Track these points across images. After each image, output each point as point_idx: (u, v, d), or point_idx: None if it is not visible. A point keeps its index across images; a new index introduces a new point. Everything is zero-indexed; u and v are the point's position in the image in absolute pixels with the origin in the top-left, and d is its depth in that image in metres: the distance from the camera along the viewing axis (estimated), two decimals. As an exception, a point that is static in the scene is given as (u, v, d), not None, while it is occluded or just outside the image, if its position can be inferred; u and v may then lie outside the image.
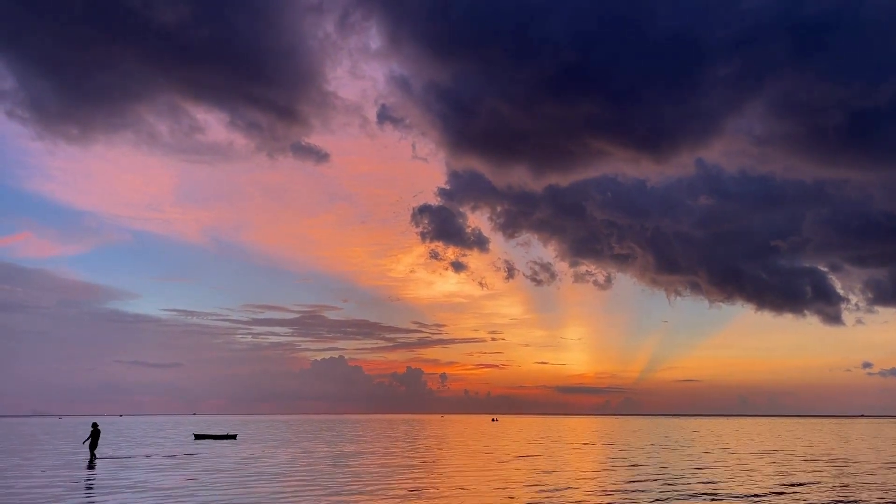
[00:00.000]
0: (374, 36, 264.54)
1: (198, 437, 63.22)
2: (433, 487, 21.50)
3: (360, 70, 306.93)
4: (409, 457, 35.85)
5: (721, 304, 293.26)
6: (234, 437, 61.86)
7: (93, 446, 36.46)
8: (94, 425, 37.08)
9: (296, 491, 20.71)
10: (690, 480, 23.65)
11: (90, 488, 21.78)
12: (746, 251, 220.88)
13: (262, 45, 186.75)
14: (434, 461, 32.74)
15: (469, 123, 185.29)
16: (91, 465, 30.86)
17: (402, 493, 20.19)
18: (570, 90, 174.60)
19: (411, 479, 24.14)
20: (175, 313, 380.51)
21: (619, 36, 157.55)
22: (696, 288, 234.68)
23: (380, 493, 20.18)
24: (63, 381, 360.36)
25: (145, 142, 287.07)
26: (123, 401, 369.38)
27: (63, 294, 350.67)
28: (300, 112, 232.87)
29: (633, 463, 31.53)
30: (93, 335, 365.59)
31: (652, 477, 24.80)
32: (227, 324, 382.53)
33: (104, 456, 36.80)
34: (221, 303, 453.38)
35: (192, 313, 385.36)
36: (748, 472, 26.89)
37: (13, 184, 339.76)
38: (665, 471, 27.38)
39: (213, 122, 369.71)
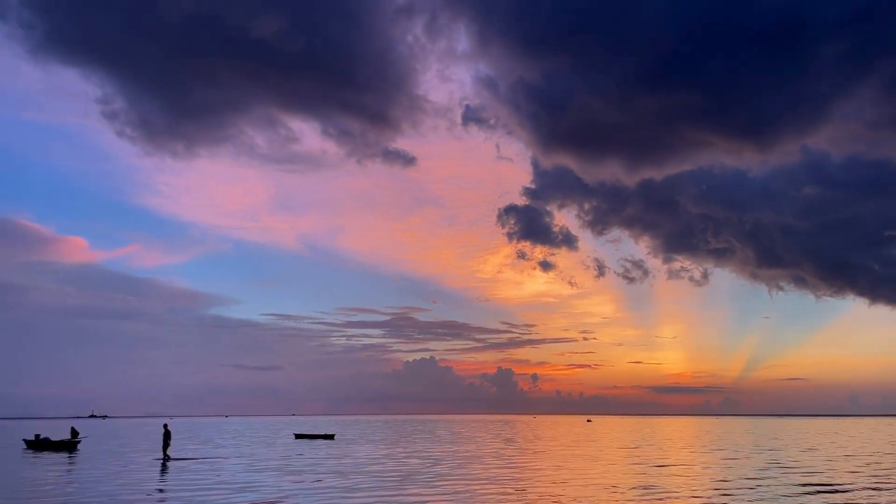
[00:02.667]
0: (461, 37, 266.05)
1: (298, 436, 65.38)
2: (574, 486, 21.36)
3: (448, 73, 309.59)
4: (533, 458, 35.76)
5: (828, 298, 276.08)
6: (331, 436, 63.53)
7: (165, 447, 36.76)
8: (165, 426, 37.77)
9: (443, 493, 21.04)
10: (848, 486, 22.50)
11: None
12: (857, 242, 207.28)
13: (354, 52, 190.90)
14: (560, 463, 32.53)
15: (559, 120, 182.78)
16: (164, 466, 31.27)
17: (555, 492, 20.16)
18: (666, 80, 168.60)
19: (551, 481, 24.07)
20: (273, 317, 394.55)
21: (716, 20, 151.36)
22: (800, 282, 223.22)
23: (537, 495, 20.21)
24: (172, 384, 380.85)
25: (244, 153, 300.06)
26: (228, 403, 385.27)
27: (170, 301, 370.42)
28: (391, 117, 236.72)
29: (785, 466, 30.29)
30: (198, 340, 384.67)
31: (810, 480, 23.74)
32: (322, 326, 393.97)
33: (224, 455, 38.55)
34: (316, 306, 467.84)
35: (289, 317, 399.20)
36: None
37: (124, 199, 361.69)
38: (826, 476, 26.14)
39: (307, 131, 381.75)
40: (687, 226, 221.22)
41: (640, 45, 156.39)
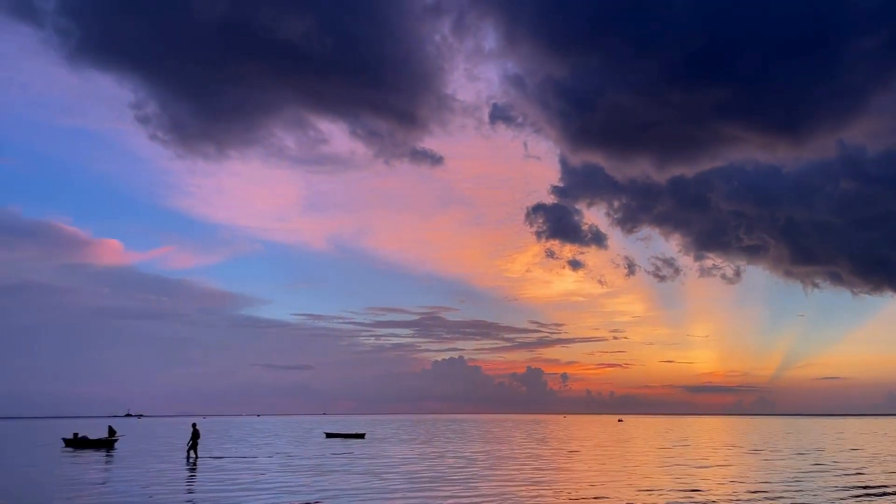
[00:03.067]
0: (488, 36, 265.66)
1: (329, 435, 65.58)
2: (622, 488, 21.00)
3: (476, 71, 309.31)
4: (569, 459, 35.39)
5: (865, 295, 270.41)
6: (362, 435, 63.60)
7: (193, 446, 35.95)
8: (194, 426, 37.15)
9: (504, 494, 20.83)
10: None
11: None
12: (895, 237, 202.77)
13: (382, 52, 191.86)
14: (598, 464, 32.12)
15: (588, 117, 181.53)
16: (193, 465, 31.06)
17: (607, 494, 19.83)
18: (698, 76, 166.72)
19: (601, 482, 23.73)
20: (303, 317, 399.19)
21: (749, 12, 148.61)
22: (836, 279, 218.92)
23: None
24: (205, 384, 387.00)
25: (274, 155, 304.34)
26: (259, 402, 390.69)
27: (202, 302, 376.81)
28: (419, 116, 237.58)
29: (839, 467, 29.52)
30: (230, 340, 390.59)
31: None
32: (351, 326, 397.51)
33: (277, 452, 38.78)
34: (346, 306, 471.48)
35: (319, 317, 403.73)
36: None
37: (157, 202, 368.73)
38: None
39: (335, 132, 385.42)
40: (719, 223, 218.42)
41: (670, 41, 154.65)
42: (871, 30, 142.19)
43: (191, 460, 34.20)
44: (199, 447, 37.11)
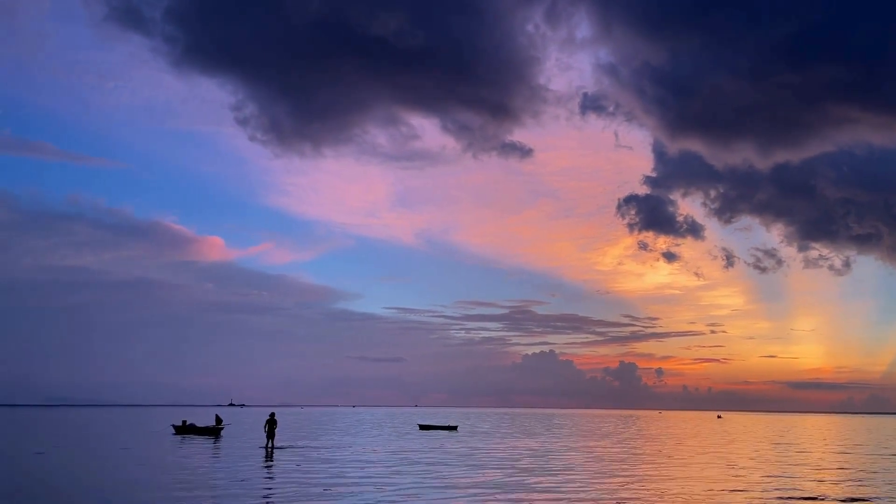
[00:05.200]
0: (580, 23, 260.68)
1: (422, 427, 65.93)
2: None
3: (569, 61, 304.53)
4: (693, 455, 34.16)
5: None
6: (454, 428, 63.57)
7: (270, 435, 35.34)
8: (272, 415, 36.37)
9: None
10: None
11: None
12: None
13: (474, 44, 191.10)
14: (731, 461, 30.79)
15: (687, 103, 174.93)
16: (269, 455, 30.68)
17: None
18: (808, 54, 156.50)
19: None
20: (395, 311, 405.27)
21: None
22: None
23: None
24: (303, 375, 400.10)
25: (367, 152, 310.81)
26: (354, 393, 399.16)
27: (300, 296, 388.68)
28: (512, 108, 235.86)
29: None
30: (325, 333, 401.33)
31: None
32: (441, 320, 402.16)
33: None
34: (436, 300, 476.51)
35: (410, 311, 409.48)
36: None
37: (256, 201, 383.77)
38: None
39: (427, 128, 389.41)
40: (825, 211, 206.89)
41: (778, 17, 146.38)
42: None
43: (268, 450, 33.69)
44: (275, 436, 36.36)
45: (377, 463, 27.34)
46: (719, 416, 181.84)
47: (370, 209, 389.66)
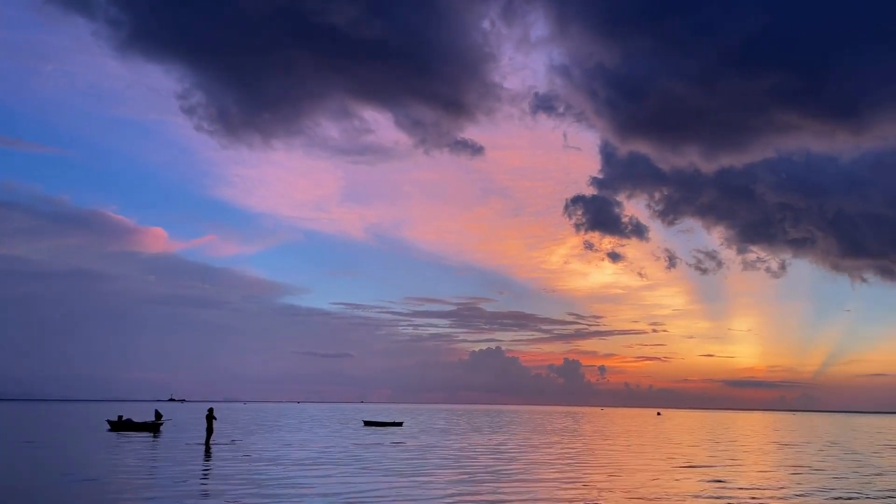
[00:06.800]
0: (536, 22, 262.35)
1: (367, 423, 65.94)
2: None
3: (522, 60, 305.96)
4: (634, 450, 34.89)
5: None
6: (400, 424, 63.76)
7: (209, 431, 35.23)
8: (210, 410, 36.16)
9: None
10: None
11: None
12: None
13: (430, 38, 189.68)
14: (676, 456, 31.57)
15: (638, 106, 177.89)
16: (207, 453, 30.08)
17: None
18: (756, 61, 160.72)
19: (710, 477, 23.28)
20: (343, 306, 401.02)
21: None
22: (886, 273, 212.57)
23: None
24: (247, 371, 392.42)
25: (317, 145, 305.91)
26: (300, 388, 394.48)
27: (245, 290, 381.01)
28: (465, 104, 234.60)
29: None
30: (271, 328, 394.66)
31: None
32: (390, 316, 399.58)
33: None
34: (385, 296, 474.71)
35: (358, 306, 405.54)
36: None
37: (202, 192, 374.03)
38: None
39: (381, 122, 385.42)
40: (764, 215, 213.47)
41: (727, 24, 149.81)
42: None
43: (207, 446, 33.46)
44: (213, 433, 36.05)
45: (316, 460, 27.30)
46: (658, 413, 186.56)
47: (319, 203, 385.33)
